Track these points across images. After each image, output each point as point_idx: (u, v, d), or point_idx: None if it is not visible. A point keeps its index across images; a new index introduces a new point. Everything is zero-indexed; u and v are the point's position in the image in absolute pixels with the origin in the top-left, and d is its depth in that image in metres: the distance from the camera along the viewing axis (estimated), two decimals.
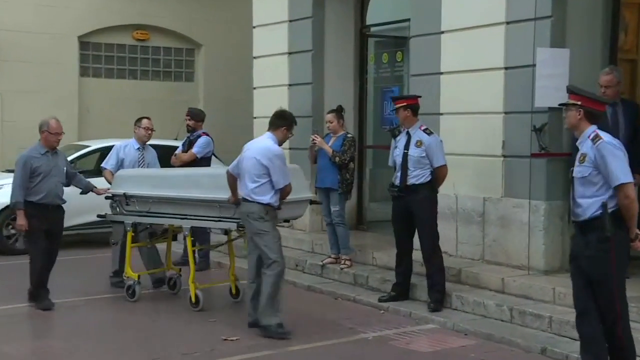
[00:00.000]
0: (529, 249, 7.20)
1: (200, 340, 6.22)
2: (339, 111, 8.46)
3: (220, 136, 10.80)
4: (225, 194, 6.61)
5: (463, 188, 7.86)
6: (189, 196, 6.99)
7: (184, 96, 14.97)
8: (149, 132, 8.13)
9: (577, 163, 4.80)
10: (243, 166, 6.30)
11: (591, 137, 4.76)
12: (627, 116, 6.84)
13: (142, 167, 8.02)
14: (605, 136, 4.73)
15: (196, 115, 9.32)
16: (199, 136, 9.24)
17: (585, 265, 4.71)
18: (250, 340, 6.20)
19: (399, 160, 7.13)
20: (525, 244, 7.23)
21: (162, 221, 7.44)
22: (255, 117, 10.84)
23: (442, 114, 8.14)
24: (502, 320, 6.57)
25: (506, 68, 7.47)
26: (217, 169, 8.06)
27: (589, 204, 4.67)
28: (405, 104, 7.13)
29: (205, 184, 6.97)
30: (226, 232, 6.98)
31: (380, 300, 7.27)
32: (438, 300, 6.99)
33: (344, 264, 8.31)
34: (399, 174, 7.10)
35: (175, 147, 9.57)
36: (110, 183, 7.79)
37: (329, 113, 8.42)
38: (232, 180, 6.44)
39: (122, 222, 7.48)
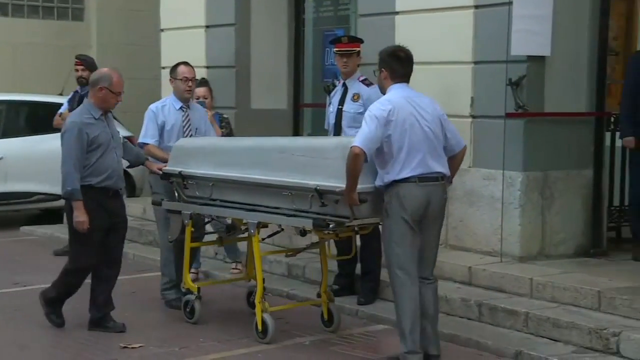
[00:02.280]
0: (501, 231, 7.33)
1: (95, 349, 6.20)
2: (208, 84, 8.40)
3: None
4: (304, 178, 5.86)
5: None
6: (252, 179, 6.25)
7: (71, 40, 14.70)
8: (189, 83, 7.28)
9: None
10: (420, 134, 5.58)
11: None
12: None
13: (188, 133, 7.25)
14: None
15: (92, 65, 9.24)
16: None
17: None
18: (158, 347, 6.21)
19: (332, 118, 7.24)
20: (498, 224, 7.36)
21: (224, 212, 6.73)
22: (163, 67, 10.74)
23: None
24: (468, 319, 6.69)
25: (476, 7, 7.56)
26: (294, 139, 7.27)
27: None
28: (358, 48, 7.20)
29: (274, 160, 6.19)
30: (302, 232, 6.17)
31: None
32: (373, 290, 7.21)
33: (235, 268, 8.36)
34: (332, 135, 7.20)
35: (59, 105, 9.47)
36: (161, 160, 7.07)
37: (200, 86, 8.09)
38: (362, 165, 5.51)
39: (180, 212, 6.80)
